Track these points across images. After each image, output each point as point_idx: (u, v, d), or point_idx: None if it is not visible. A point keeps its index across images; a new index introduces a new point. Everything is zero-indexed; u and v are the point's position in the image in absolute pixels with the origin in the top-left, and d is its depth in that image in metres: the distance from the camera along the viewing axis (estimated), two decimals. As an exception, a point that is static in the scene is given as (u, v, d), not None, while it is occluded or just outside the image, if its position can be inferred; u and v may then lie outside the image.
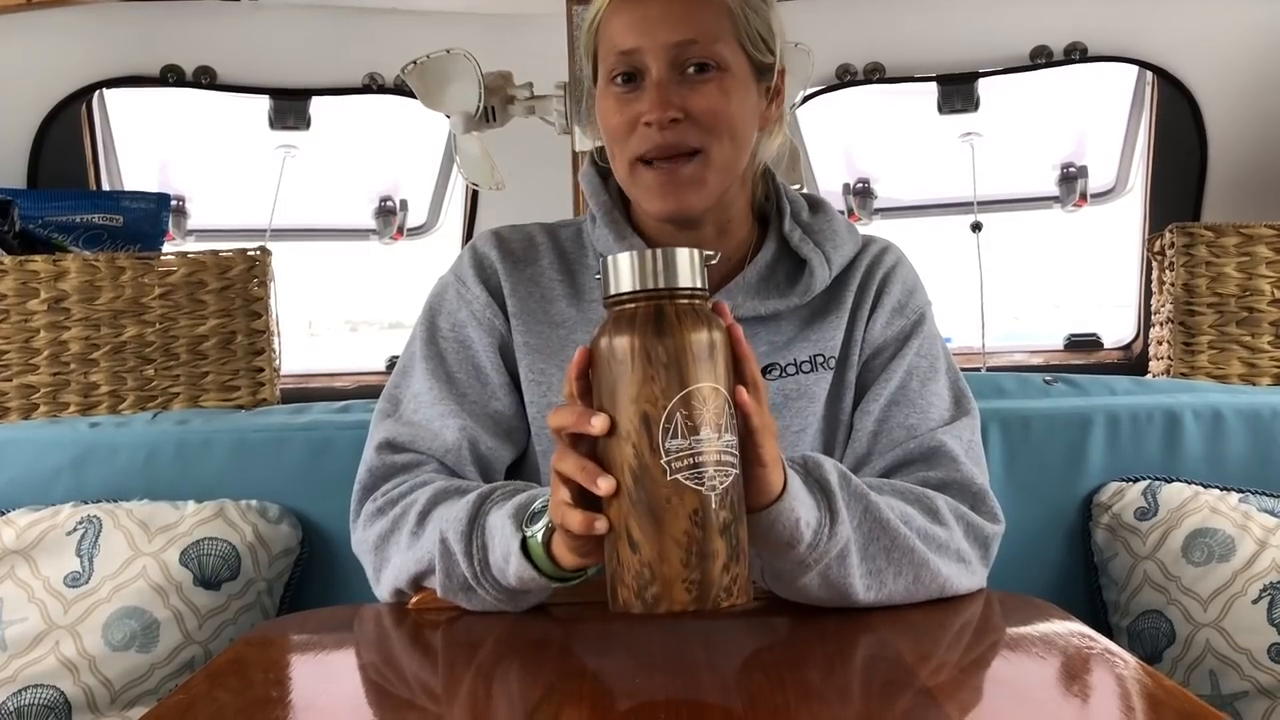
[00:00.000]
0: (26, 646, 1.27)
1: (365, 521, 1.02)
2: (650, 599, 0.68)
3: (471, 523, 0.89)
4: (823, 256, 1.08)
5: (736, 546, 0.70)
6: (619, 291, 0.71)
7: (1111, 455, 1.40)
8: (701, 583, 0.68)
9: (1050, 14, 1.95)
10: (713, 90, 1.00)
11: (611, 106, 1.02)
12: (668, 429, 0.68)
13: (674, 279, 0.71)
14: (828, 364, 1.07)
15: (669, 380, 0.68)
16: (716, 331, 0.71)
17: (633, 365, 0.69)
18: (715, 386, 0.70)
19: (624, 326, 0.70)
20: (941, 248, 2.27)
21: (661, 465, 0.68)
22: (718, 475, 0.69)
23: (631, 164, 1.01)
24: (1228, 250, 1.67)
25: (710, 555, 0.68)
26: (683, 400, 0.68)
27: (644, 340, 0.69)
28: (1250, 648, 1.24)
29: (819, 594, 0.87)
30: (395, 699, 0.78)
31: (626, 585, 0.69)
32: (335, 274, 2.66)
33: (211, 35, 1.96)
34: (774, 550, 0.84)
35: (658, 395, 0.68)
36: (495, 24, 1.93)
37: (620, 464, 0.70)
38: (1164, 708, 0.67)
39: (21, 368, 1.57)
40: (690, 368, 0.69)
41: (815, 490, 0.86)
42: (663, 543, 0.68)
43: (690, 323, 0.70)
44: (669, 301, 0.71)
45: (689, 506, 0.68)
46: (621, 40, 1.00)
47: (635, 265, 0.71)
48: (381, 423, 1.07)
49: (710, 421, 0.69)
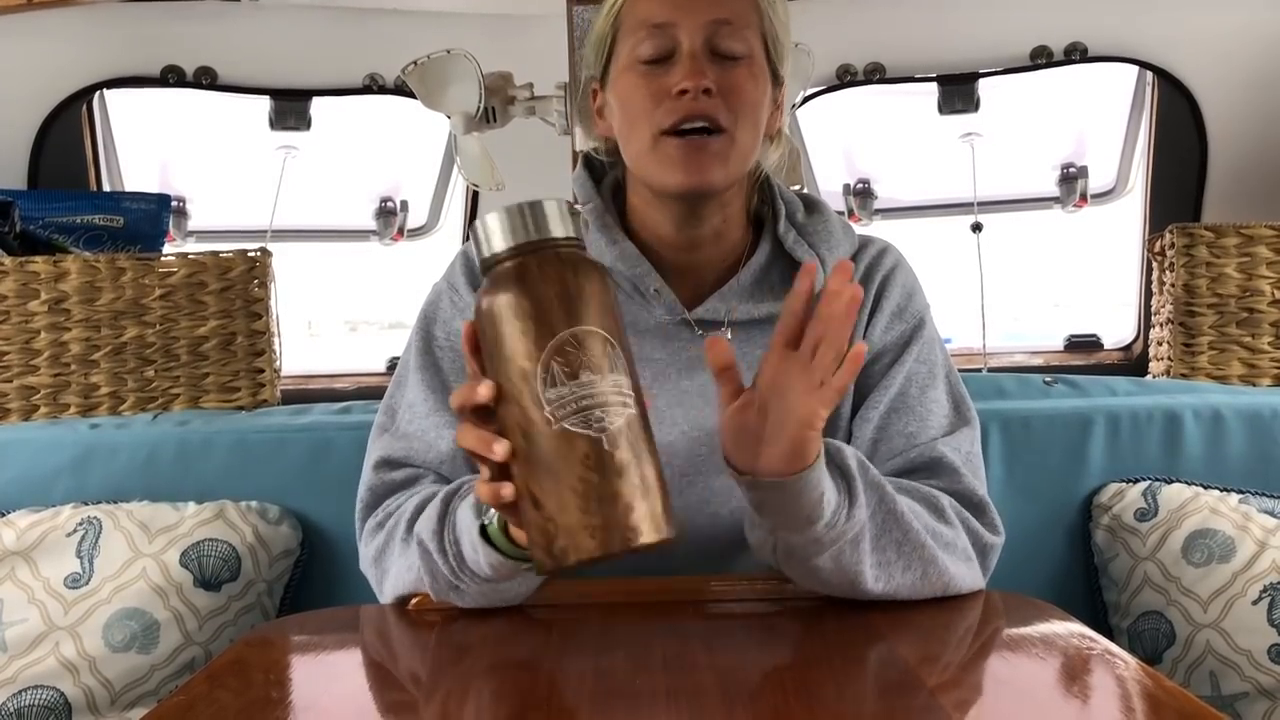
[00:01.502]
0: (27, 647, 1.27)
1: (367, 538, 1.03)
2: (558, 552, 0.67)
3: (441, 521, 0.90)
4: (817, 258, 1.08)
5: (641, 484, 0.67)
6: (490, 253, 0.70)
7: (1111, 456, 1.40)
8: (605, 526, 0.66)
9: (1050, 14, 1.95)
10: (743, 73, 1.00)
11: (637, 83, 1.01)
12: (545, 379, 0.67)
13: (539, 230, 0.70)
14: None
15: (539, 330, 0.67)
16: (592, 277, 0.69)
17: (505, 324, 0.68)
18: (590, 329, 0.68)
19: (494, 288, 0.69)
20: (942, 248, 2.27)
21: (545, 416, 0.67)
22: (606, 416, 0.67)
23: (655, 137, 1.00)
24: (1228, 251, 1.67)
25: (610, 497, 0.66)
26: (555, 348, 0.67)
27: (510, 297, 0.68)
28: (1250, 648, 1.24)
29: (829, 577, 0.87)
30: (395, 699, 0.78)
31: (536, 544, 0.68)
32: (334, 274, 2.66)
33: (212, 36, 1.95)
34: (792, 524, 0.84)
35: (530, 347, 0.67)
36: (496, 25, 1.93)
37: (512, 426, 0.69)
38: (1164, 709, 0.67)
39: (22, 369, 1.57)
40: (558, 314, 0.67)
41: (835, 474, 0.86)
42: (560, 494, 0.67)
43: (555, 270, 0.69)
44: (532, 255, 0.69)
45: (580, 452, 0.66)
46: (654, 14, 1.00)
47: (502, 224, 0.70)
48: (379, 439, 1.07)
49: (589, 365, 0.67)
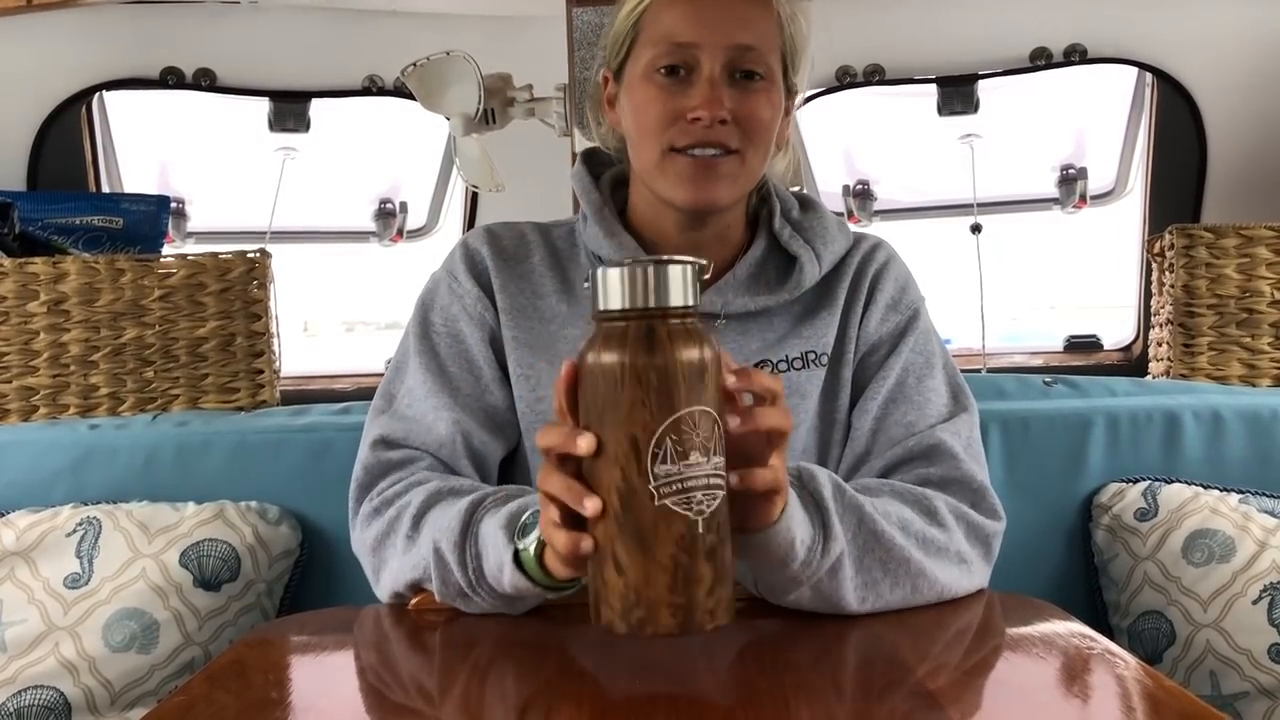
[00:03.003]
0: (26, 648, 1.27)
1: (363, 522, 1.02)
2: (635, 622, 0.67)
3: (464, 533, 0.89)
4: (812, 253, 1.08)
5: (722, 568, 0.68)
6: (609, 308, 0.69)
7: (1111, 456, 1.40)
8: (687, 607, 0.67)
9: (1050, 16, 1.95)
10: (760, 99, 1.01)
11: (653, 95, 1.01)
12: (657, 454, 0.66)
13: (666, 297, 0.68)
14: (820, 361, 1.07)
15: (659, 405, 0.66)
16: (708, 350, 0.69)
17: (621, 387, 0.67)
18: (705, 410, 0.67)
19: (614, 345, 0.68)
20: (941, 249, 2.27)
21: (650, 490, 0.66)
22: (705, 499, 0.67)
23: (664, 152, 1.01)
24: (1227, 251, 1.67)
25: (696, 580, 0.67)
26: (673, 425, 0.66)
27: (634, 361, 0.67)
28: (1250, 648, 1.24)
29: (811, 605, 0.87)
30: (394, 700, 0.78)
31: (611, 606, 0.68)
32: (331, 275, 2.66)
33: (211, 37, 1.96)
34: (767, 566, 0.84)
35: (647, 419, 0.66)
36: (495, 26, 1.93)
37: (608, 486, 0.68)
38: (1165, 708, 0.67)
39: (21, 370, 1.57)
40: (680, 391, 0.67)
41: (809, 505, 0.86)
42: (649, 567, 0.67)
43: (682, 344, 0.67)
44: (661, 321, 0.68)
45: (676, 532, 0.67)
46: (678, 32, 0.99)
47: (627, 280, 0.68)
48: (376, 419, 1.07)
49: (699, 446, 0.67)
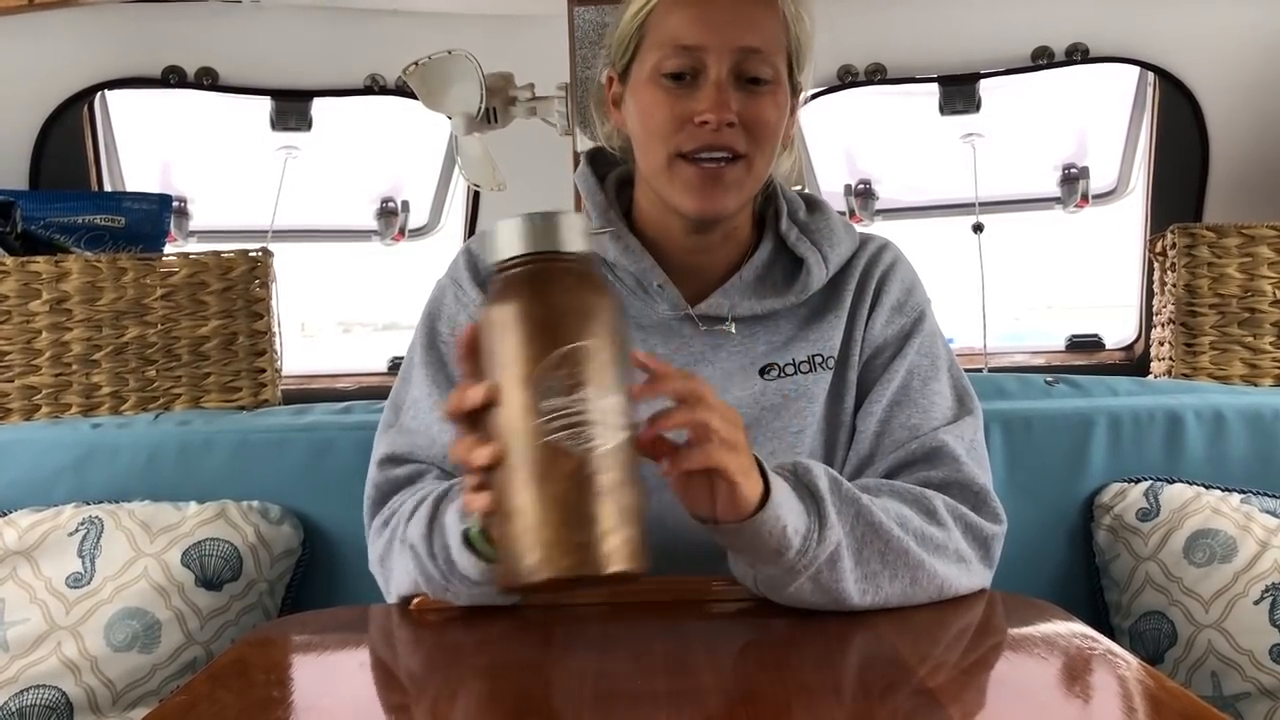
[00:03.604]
0: (28, 647, 1.27)
1: (374, 537, 1.03)
2: (531, 566, 0.64)
3: (430, 524, 0.90)
4: (819, 255, 1.08)
5: (623, 511, 0.65)
6: (500, 258, 0.68)
7: (1113, 456, 1.40)
8: (584, 545, 0.64)
9: (1051, 15, 1.95)
10: (766, 102, 1.00)
11: (660, 99, 1.00)
12: (543, 388, 0.64)
13: (554, 242, 0.67)
14: (826, 364, 1.07)
15: (544, 338, 0.65)
16: (603, 294, 0.67)
17: (511, 329, 0.66)
18: (598, 345, 0.65)
19: (503, 291, 0.67)
20: (943, 249, 2.27)
21: (537, 427, 0.64)
22: (600, 436, 0.64)
23: (671, 158, 1.00)
24: (1229, 251, 1.67)
25: (590, 519, 0.64)
26: (560, 358, 0.64)
27: (520, 302, 0.66)
28: (1252, 649, 1.24)
29: (812, 599, 0.87)
30: (397, 700, 0.78)
31: (509, 555, 0.66)
32: (328, 275, 2.66)
33: (213, 36, 1.96)
34: (763, 558, 0.84)
35: (534, 354, 0.65)
36: (497, 25, 1.93)
37: (500, 432, 0.66)
38: (1166, 709, 0.67)
39: (23, 369, 1.57)
40: (567, 325, 0.65)
41: (805, 496, 0.85)
42: (540, 507, 0.64)
43: (570, 280, 0.67)
44: (548, 262, 0.67)
45: (566, 468, 0.64)
46: (684, 35, 0.99)
47: (516, 230, 0.67)
48: (384, 435, 1.07)
49: (592, 381, 0.65)
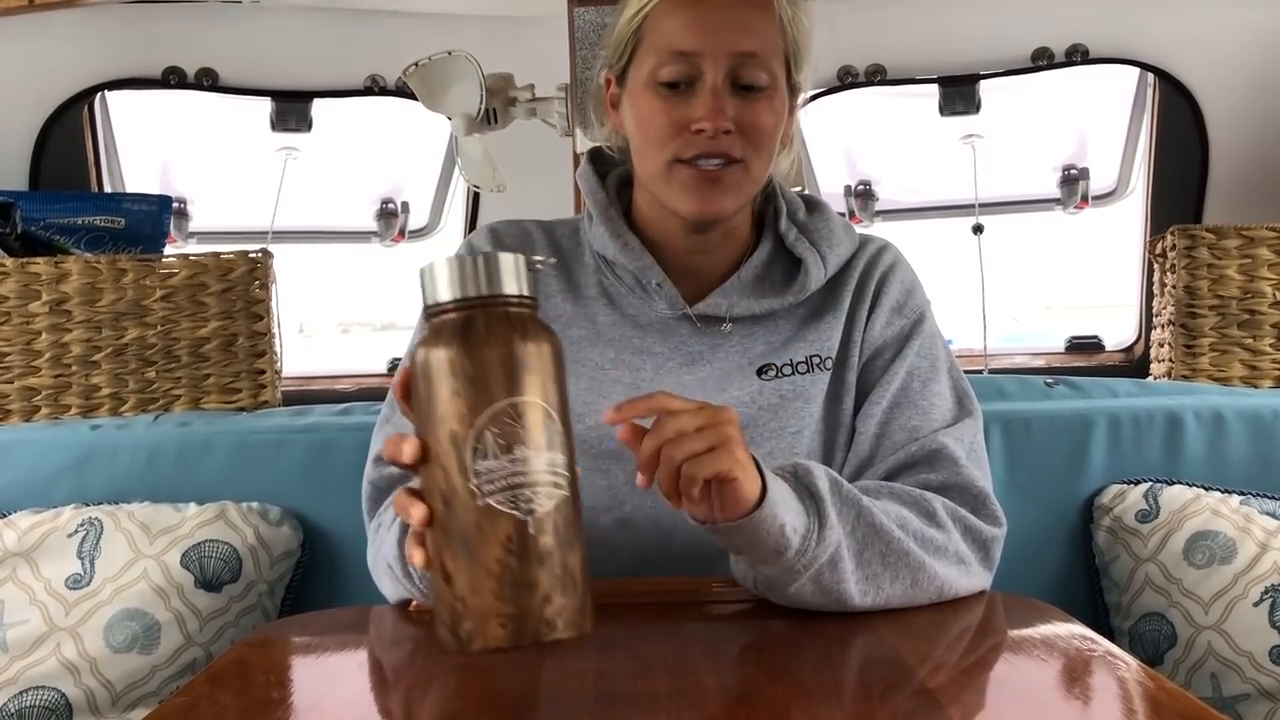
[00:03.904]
0: (28, 648, 1.27)
1: (370, 537, 1.04)
2: (464, 635, 0.62)
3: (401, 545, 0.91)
4: (818, 255, 1.08)
5: (563, 575, 0.62)
6: (434, 301, 0.65)
7: (1113, 457, 1.40)
8: (518, 616, 0.61)
9: (1051, 16, 1.95)
10: (764, 108, 1.00)
11: (657, 106, 1.00)
12: (477, 449, 0.61)
13: (489, 286, 0.64)
14: (824, 365, 1.07)
15: (477, 395, 0.61)
16: (541, 343, 0.64)
17: (441, 381, 0.62)
18: (532, 400, 0.62)
19: (434, 339, 0.64)
20: (943, 250, 2.27)
21: (471, 489, 0.61)
22: (537, 498, 0.62)
23: (669, 163, 1.00)
24: (1229, 252, 1.67)
25: (527, 586, 0.61)
26: (493, 417, 0.61)
27: (451, 353, 0.62)
28: (1252, 650, 1.24)
29: (813, 600, 0.87)
30: (396, 701, 0.78)
31: (442, 621, 0.63)
32: (327, 276, 2.66)
33: (213, 37, 1.96)
34: (762, 558, 0.84)
35: (464, 412, 0.61)
36: (497, 26, 1.93)
37: (433, 490, 0.63)
38: (1166, 710, 0.67)
39: (23, 370, 1.57)
40: (500, 381, 0.62)
41: (805, 497, 0.85)
42: (474, 573, 0.61)
43: (502, 332, 0.63)
44: (480, 311, 0.64)
45: (502, 532, 0.61)
46: (679, 40, 0.98)
47: (450, 273, 0.64)
48: (379, 431, 1.08)
49: (527, 439, 0.62)
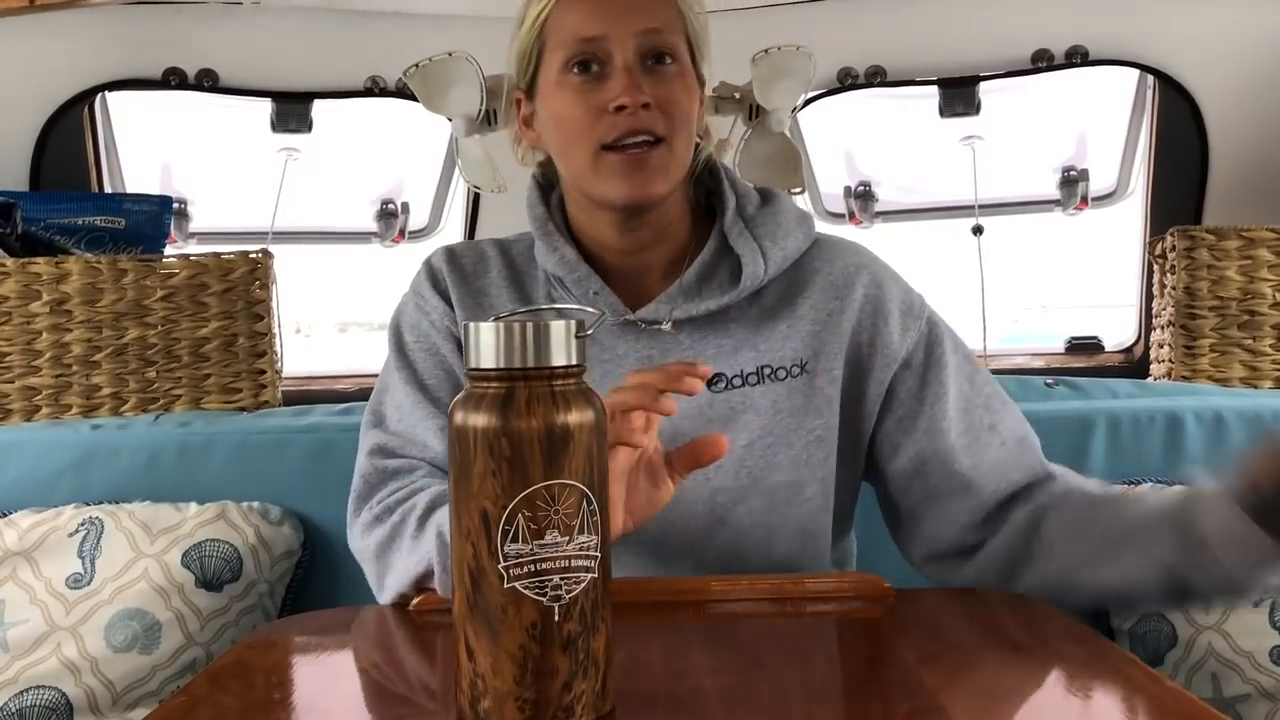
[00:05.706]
0: (28, 648, 1.27)
1: (363, 530, 1.02)
2: (481, 713, 0.63)
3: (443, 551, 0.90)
4: (757, 249, 1.05)
5: (584, 660, 0.63)
6: (477, 366, 0.64)
7: (1113, 458, 1.41)
8: (537, 702, 0.62)
9: (1051, 17, 1.95)
10: (675, 81, 1.01)
11: (571, 98, 1.00)
12: (507, 531, 0.61)
13: (533, 357, 0.62)
14: (775, 376, 1.05)
15: (511, 476, 0.61)
16: (584, 415, 0.63)
17: (477, 455, 0.62)
18: (569, 484, 0.62)
19: (474, 406, 0.63)
20: (942, 251, 2.27)
21: (499, 571, 0.61)
22: (565, 583, 0.62)
23: (596, 152, 1.00)
24: (1229, 253, 1.67)
25: (548, 673, 0.62)
26: (525, 500, 0.61)
27: (486, 427, 0.62)
28: (1252, 650, 1.24)
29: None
30: (397, 700, 0.78)
31: (462, 691, 0.64)
32: (324, 276, 2.66)
33: (213, 38, 1.96)
34: None
35: (497, 493, 0.61)
36: (497, 27, 1.92)
37: (460, 561, 0.63)
38: (1166, 710, 0.67)
39: (24, 370, 1.57)
40: (536, 463, 0.61)
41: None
42: (496, 655, 0.62)
43: (543, 410, 0.62)
44: (522, 385, 0.62)
45: (526, 619, 0.61)
46: (583, 28, 0.99)
47: (496, 339, 0.63)
48: (370, 432, 1.08)
49: (559, 523, 0.61)
